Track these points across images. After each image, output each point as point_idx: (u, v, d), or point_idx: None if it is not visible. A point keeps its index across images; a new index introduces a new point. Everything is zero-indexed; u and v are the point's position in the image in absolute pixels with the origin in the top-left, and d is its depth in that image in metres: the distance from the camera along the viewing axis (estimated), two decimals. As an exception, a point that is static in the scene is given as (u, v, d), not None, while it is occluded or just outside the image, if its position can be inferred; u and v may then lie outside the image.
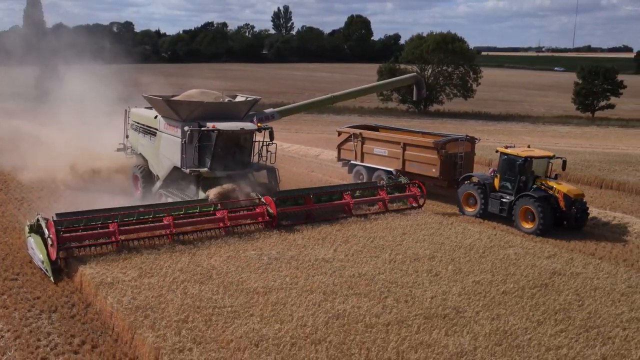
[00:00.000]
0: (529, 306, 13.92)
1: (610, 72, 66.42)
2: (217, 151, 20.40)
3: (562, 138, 52.23)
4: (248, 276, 14.72)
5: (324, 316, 12.58)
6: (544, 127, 60.66)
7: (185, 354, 10.72)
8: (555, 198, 21.15)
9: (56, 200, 22.30)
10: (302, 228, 19.27)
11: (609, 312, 13.80)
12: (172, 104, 21.19)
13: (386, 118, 60.86)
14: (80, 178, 24.77)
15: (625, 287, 15.53)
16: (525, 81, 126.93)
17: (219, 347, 11.01)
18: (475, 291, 14.62)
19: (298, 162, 34.47)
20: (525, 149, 22.41)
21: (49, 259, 15.64)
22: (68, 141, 27.17)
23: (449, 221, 21.20)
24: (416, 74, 46.34)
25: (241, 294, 13.61)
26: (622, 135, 55.91)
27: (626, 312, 13.86)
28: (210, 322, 12.05)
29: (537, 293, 14.77)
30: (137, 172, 23.88)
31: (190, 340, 11.22)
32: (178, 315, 12.25)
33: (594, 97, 66.88)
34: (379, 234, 19.09)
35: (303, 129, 52.05)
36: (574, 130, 59.83)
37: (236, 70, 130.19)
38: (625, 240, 20.93)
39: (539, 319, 13.25)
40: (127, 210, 18.14)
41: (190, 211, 18.71)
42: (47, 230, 15.90)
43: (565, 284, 15.53)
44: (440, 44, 67.47)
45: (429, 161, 24.91)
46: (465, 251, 17.73)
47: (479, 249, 17.97)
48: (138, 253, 16.12)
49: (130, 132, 25.18)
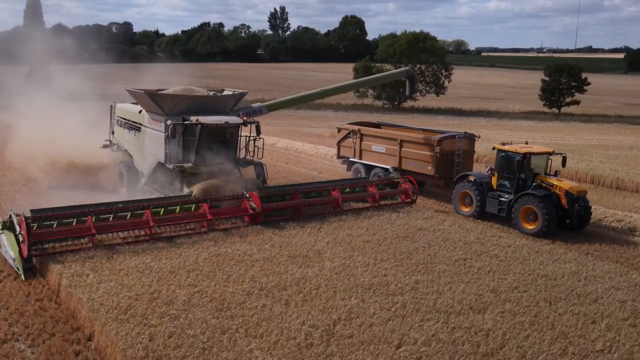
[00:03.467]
0: (381, 250, 16.91)
1: (574, 69, 69.14)
2: (201, 146, 19.87)
3: (518, 131, 54.53)
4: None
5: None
6: (506, 122, 63.15)
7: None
8: (557, 196, 20.09)
9: (36, 197, 21.67)
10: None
11: (444, 255, 16.70)
12: (155, 97, 20.59)
13: (361, 113, 63.26)
14: (64, 174, 24.40)
15: (473, 238, 18.49)
16: (511, 80, 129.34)
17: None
18: (343, 241, 17.68)
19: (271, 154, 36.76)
20: (524, 145, 21.52)
21: (20, 256, 15.28)
22: (52, 137, 26.95)
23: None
24: (409, 68, 45.37)
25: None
26: (579, 129, 58.39)
27: (459, 254, 16.89)
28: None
29: (396, 242, 17.76)
30: (123, 168, 23.39)
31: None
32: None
33: (559, 93, 69.65)
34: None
35: (274, 122, 55.01)
36: (536, 124, 62.37)
37: (228, 69, 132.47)
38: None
39: (382, 258, 16.29)
40: (104, 206, 17.47)
41: (172, 207, 18.07)
42: (18, 226, 15.54)
43: (425, 236, 18.60)
44: (412, 42, 70.32)
45: (424, 158, 24.19)
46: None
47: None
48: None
49: (116, 127, 24.81)
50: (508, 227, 20.53)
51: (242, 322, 11.96)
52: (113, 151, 25.07)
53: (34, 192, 22.68)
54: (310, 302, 13.02)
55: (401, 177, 23.32)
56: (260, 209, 18.71)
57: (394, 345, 11.19)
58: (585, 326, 12.36)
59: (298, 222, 19.20)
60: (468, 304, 13.21)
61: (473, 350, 11.08)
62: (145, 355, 10.50)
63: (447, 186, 23.96)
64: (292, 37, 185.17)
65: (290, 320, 12.06)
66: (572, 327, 12.26)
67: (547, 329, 12.18)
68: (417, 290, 13.96)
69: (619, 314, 13.08)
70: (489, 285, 14.44)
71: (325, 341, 11.27)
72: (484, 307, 13.10)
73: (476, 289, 14.17)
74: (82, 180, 23.74)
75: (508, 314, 12.80)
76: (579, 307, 13.33)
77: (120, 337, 11.09)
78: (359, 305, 12.95)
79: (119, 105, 24.63)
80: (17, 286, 14.42)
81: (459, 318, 12.48)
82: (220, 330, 11.52)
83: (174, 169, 20.14)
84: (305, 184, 22.56)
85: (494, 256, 16.78)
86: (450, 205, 23.09)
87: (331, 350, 10.95)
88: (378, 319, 12.27)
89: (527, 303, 13.45)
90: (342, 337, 11.48)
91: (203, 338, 11.18)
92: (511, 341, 11.49)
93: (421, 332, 11.71)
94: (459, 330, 11.87)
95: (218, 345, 10.94)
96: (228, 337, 11.28)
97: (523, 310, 13.04)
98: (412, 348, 11.08)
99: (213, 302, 12.82)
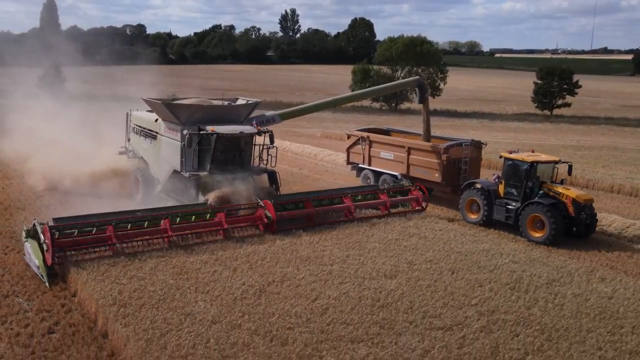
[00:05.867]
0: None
1: (565, 72, 71.34)
2: (216, 155, 20.45)
3: (506, 132, 56.56)
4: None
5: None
6: (497, 124, 65.35)
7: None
8: (564, 204, 20.45)
9: (59, 205, 22.40)
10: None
11: (380, 235, 19.62)
12: (172, 108, 21.28)
13: (358, 115, 65.79)
14: (86, 183, 24.60)
15: (412, 224, 21.35)
16: (515, 82, 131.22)
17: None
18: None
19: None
20: (531, 154, 21.87)
21: (44, 264, 15.88)
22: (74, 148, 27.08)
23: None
24: (419, 77, 46.29)
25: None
26: (565, 131, 60.35)
27: (394, 235, 19.73)
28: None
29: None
30: (138, 175, 23.82)
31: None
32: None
33: (551, 96, 71.88)
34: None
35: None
36: (525, 126, 64.54)
37: (236, 71, 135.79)
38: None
39: (326, 238, 19.15)
40: (124, 214, 18.01)
41: (188, 215, 18.71)
42: (42, 235, 16.12)
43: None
44: (409, 46, 72.95)
45: (431, 165, 24.61)
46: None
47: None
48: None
49: (132, 135, 25.38)
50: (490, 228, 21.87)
51: (194, 282, 14.94)
52: (129, 158, 25.71)
53: (57, 200, 23.33)
54: (254, 270, 15.97)
55: (412, 185, 23.95)
56: (275, 218, 19.40)
57: (310, 300, 14.11)
58: (472, 288, 15.19)
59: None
60: (383, 272, 16.07)
61: (372, 304, 13.96)
62: (114, 303, 13.50)
63: (454, 193, 24.42)
64: (301, 39, 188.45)
65: (233, 281, 15.02)
66: (461, 289, 15.10)
67: (440, 290, 15.01)
68: (346, 262, 16.84)
69: (504, 280, 15.88)
70: (407, 258, 17.29)
71: (257, 296, 14.22)
72: (395, 275, 15.96)
73: (395, 261, 17.03)
74: (101, 187, 24.33)
75: (413, 279, 15.65)
76: (475, 275, 16.15)
77: (95, 291, 14.12)
78: (292, 272, 15.89)
79: (135, 113, 25.23)
80: (19, 258, 17.38)
81: (372, 282, 15.36)
82: (176, 288, 14.53)
83: (189, 177, 20.67)
84: (318, 192, 22.79)
85: (423, 237, 19.59)
86: (455, 212, 23.81)
87: (260, 302, 13.90)
88: (304, 282, 15.20)
89: (433, 272, 16.29)
90: (271, 293, 14.43)
91: (161, 293, 14.18)
92: (405, 298, 14.35)
93: (335, 291, 14.62)
94: (366, 290, 14.75)
95: (171, 298, 13.93)
96: (181, 292, 14.27)
97: (427, 277, 15.88)
98: (324, 301, 13.99)
99: (175, 268, 15.83)
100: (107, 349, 12.34)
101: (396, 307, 13.84)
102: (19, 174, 27.68)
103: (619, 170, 33.69)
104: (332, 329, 12.56)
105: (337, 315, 13.24)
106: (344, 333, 12.41)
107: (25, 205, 22.79)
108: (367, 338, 12.26)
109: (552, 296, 14.86)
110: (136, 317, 12.82)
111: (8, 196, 24.15)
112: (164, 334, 12.06)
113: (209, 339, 11.93)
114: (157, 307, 13.38)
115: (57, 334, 13.00)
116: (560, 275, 16.44)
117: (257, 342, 11.90)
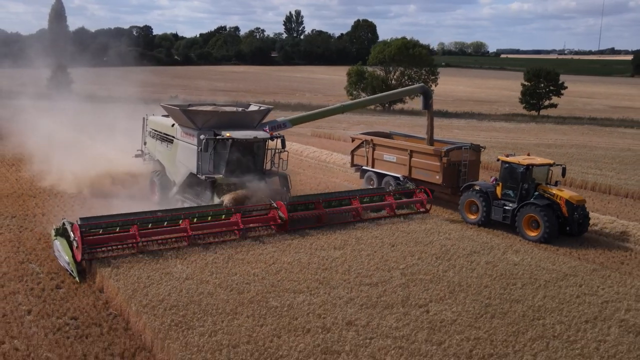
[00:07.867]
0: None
1: (551, 74, 74.26)
2: (231, 158, 21.57)
3: (490, 132, 58.83)
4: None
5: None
6: (484, 124, 68.00)
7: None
8: (558, 205, 21.72)
9: (74, 205, 23.78)
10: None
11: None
12: (189, 114, 22.38)
13: (354, 115, 68.57)
14: (104, 184, 26.02)
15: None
16: (512, 83, 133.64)
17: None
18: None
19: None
20: (526, 157, 22.99)
21: (74, 260, 17.06)
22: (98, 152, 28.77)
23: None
24: (423, 84, 48.23)
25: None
26: (547, 130, 62.77)
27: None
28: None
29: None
30: (155, 177, 24.94)
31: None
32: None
33: (538, 97, 74.79)
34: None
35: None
36: (510, 126, 67.23)
37: (240, 72, 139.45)
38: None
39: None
40: (146, 214, 19.19)
41: (205, 215, 19.86)
42: (72, 233, 17.32)
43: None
44: (402, 49, 76.06)
45: (432, 168, 25.90)
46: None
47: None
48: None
49: (148, 139, 26.53)
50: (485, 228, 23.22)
51: (175, 252, 18.26)
52: (145, 161, 26.99)
53: (81, 201, 24.55)
54: (227, 244, 19.27)
55: (416, 188, 25.15)
56: (287, 218, 20.60)
57: (269, 264, 17.40)
58: (402, 256, 18.46)
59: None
60: (333, 245, 19.32)
61: (318, 267, 17.23)
62: (108, 265, 16.83)
63: (454, 194, 25.73)
64: (305, 41, 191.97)
65: (207, 251, 18.34)
66: (393, 257, 18.37)
67: (377, 259, 18.24)
68: (304, 237, 20.10)
69: (430, 250, 19.18)
70: (356, 235, 20.51)
71: (225, 262, 17.54)
72: (343, 247, 19.22)
73: (346, 237, 20.26)
74: (120, 189, 25.52)
75: (357, 251, 18.91)
76: (410, 248, 19.40)
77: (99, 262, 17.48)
78: (258, 244, 19.18)
79: (151, 118, 26.52)
80: (32, 235, 20.68)
81: (322, 252, 18.62)
82: (159, 255, 17.84)
83: (205, 179, 21.79)
84: (327, 194, 23.82)
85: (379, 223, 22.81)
86: (454, 212, 25.26)
87: (227, 265, 17.22)
88: (266, 251, 18.49)
89: (376, 246, 19.52)
90: (237, 260, 17.73)
91: (147, 258, 17.49)
92: (345, 264, 17.62)
93: (290, 258, 17.91)
94: (316, 258, 18.03)
95: (155, 262, 17.23)
96: (163, 258, 17.60)
97: (370, 249, 19.12)
98: (279, 265, 17.30)
99: (161, 244, 19.14)
100: (102, 299, 15.69)
101: (336, 270, 17.10)
102: (29, 169, 30.72)
103: (577, 166, 36.72)
104: (280, 284, 15.85)
105: (287, 275, 16.52)
106: (289, 286, 15.70)
107: (36, 194, 26.20)
108: (307, 290, 15.53)
109: (468, 263, 18.11)
110: (125, 275, 16.14)
111: (21, 186, 27.62)
112: (147, 286, 15.36)
113: (181, 289, 15.22)
114: (143, 268, 16.66)
115: (63, 289, 16.33)
116: (482, 248, 19.65)
117: (219, 292, 15.19)
